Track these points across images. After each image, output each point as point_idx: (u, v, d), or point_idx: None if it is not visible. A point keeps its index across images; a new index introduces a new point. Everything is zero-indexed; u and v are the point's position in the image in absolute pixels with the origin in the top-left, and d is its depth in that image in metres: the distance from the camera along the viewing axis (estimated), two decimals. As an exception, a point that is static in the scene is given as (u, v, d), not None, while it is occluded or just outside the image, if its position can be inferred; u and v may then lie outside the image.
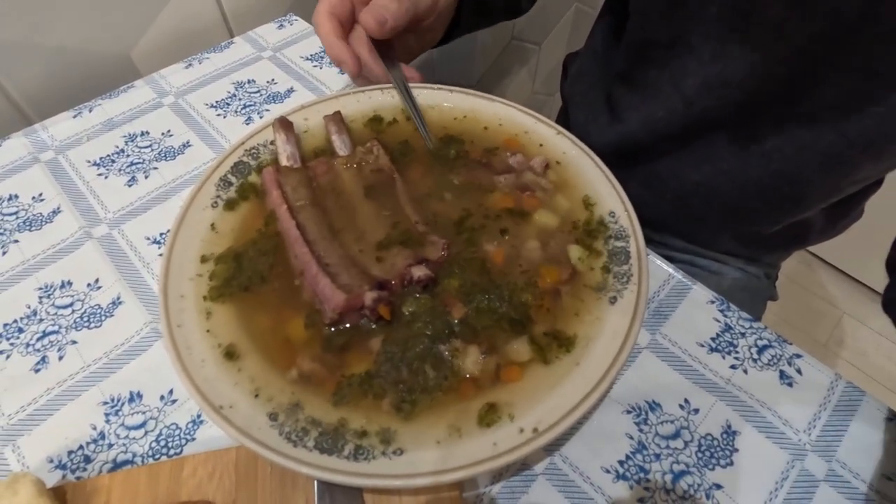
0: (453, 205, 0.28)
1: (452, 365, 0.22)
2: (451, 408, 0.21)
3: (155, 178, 0.35)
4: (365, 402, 0.22)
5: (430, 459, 0.19)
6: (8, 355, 0.27)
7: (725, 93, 0.34)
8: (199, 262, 0.26)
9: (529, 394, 0.22)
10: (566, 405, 0.20)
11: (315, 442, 0.20)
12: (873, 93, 0.29)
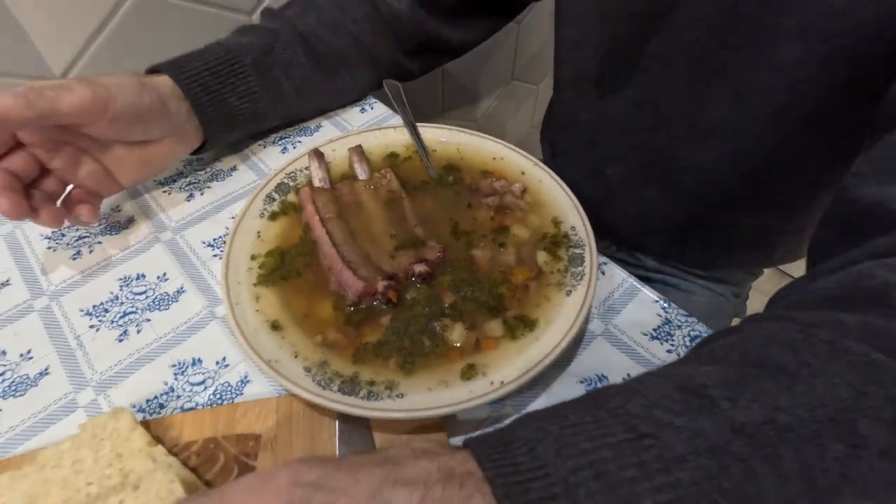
0: (448, 219, 0.36)
1: (443, 337, 0.30)
2: (440, 367, 0.28)
3: (207, 195, 0.43)
4: (376, 361, 0.29)
5: (423, 400, 0.26)
6: (97, 329, 0.34)
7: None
8: (249, 258, 0.33)
9: (500, 359, 0.29)
10: (525, 367, 0.27)
11: (338, 387, 0.27)
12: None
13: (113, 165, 0.37)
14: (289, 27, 0.44)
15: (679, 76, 0.39)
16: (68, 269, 0.38)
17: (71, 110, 0.31)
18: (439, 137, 0.42)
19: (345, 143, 0.41)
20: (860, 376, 0.19)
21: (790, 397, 0.18)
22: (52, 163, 0.34)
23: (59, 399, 0.31)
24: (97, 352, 0.33)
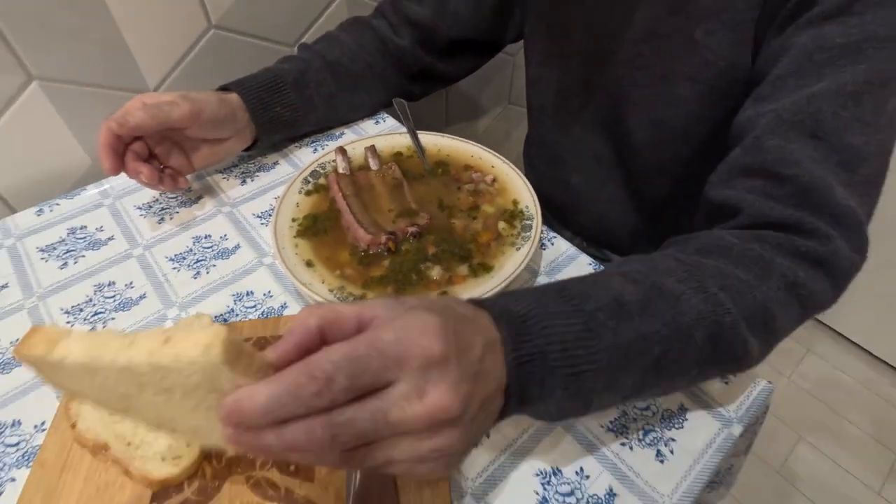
0: (437, 198, 0.49)
1: (426, 274, 0.42)
2: (423, 293, 0.41)
3: (256, 181, 0.56)
4: (378, 288, 0.41)
5: (408, 310, 0.39)
6: (178, 270, 0.47)
7: None
8: (290, 220, 0.46)
9: (464, 290, 0.41)
10: (481, 294, 0.40)
11: (354, 301, 0.39)
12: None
13: (192, 154, 0.51)
14: (319, 57, 0.58)
15: (612, 108, 0.52)
16: (155, 230, 0.51)
17: (178, 120, 0.46)
18: (434, 141, 0.55)
19: (362, 143, 0.54)
20: (706, 304, 0.31)
21: (672, 315, 0.30)
22: (155, 150, 0.48)
23: (154, 314, 0.44)
24: (178, 284, 0.46)
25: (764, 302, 0.32)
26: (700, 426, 0.37)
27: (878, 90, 0.35)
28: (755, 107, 0.38)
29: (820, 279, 0.34)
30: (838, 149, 0.35)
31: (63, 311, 0.44)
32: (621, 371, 0.28)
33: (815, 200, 0.34)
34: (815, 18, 0.36)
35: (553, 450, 0.36)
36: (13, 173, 0.54)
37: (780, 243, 0.34)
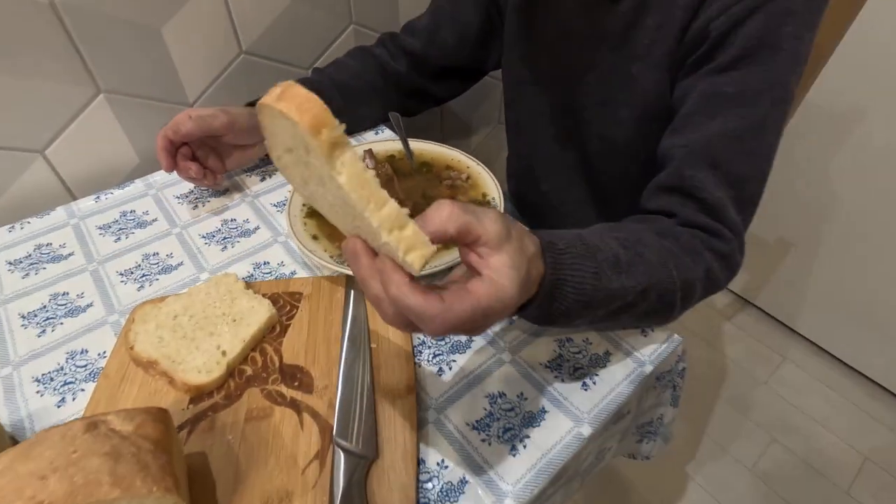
0: (421, 191, 0.60)
1: (407, 247, 0.53)
2: (403, 260, 0.51)
3: (273, 179, 0.68)
4: (368, 256, 0.52)
5: (391, 270, 0.49)
6: (209, 244, 0.58)
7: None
8: (301, 205, 0.58)
9: (439, 258, 0.51)
10: (450, 262, 0.50)
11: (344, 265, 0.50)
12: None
13: (226, 157, 0.63)
14: (329, 78, 0.70)
15: (571, 126, 0.63)
16: (191, 214, 0.62)
17: (217, 129, 0.58)
18: (422, 147, 0.66)
19: (362, 147, 0.65)
20: (663, 275, 0.41)
21: (644, 278, 0.39)
22: (197, 153, 0.60)
23: (189, 276, 0.55)
24: (209, 255, 0.57)
25: (693, 280, 0.43)
26: (620, 366, 0.47)
27: (757, 130, 0.46)
28: (671, 138, 0.49)
29: (723, 271, 0.46)
30: (729, 177, 0.46)
31: (118, 273, 0.55)
32: (602, 307, 0.38)
33: (718, 215, 0.46)
34: (711, 70, 0.47)
35: (500, 379, 0.46)
36: (77, 167, 0.66)
37: (703, 241, 0.45)
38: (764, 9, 0.44)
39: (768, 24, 0.44)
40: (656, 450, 0.60)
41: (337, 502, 0.36)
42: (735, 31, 0.45)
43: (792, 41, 0.45)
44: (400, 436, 0.40)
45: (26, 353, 0.47)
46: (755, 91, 0.45)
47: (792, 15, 0.44)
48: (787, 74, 0.45)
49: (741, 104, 0.45)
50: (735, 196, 0.46)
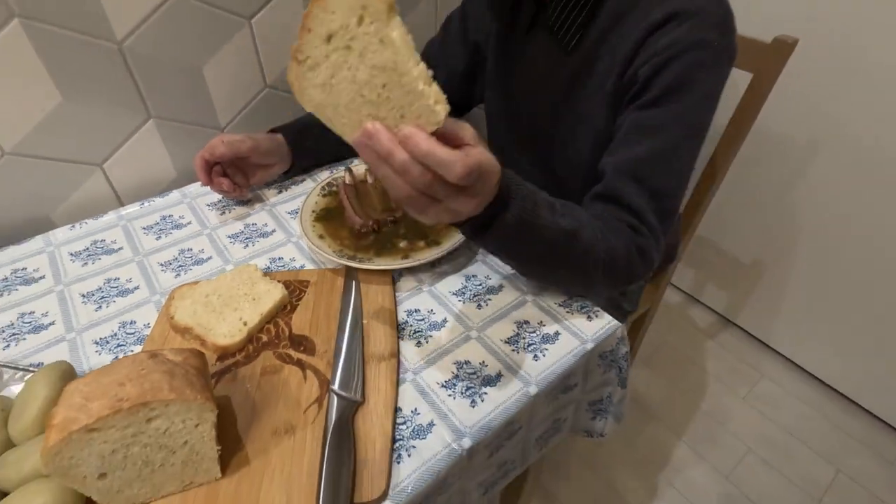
0: (410, 202, 0.72)
1: (396, 244, 0.64)
2: (394, 255, 0.63)
3: (290, 192, 0.80)
4: (367, 252, 0.63)
5: (384, 263, 0.61)
6: (234, 242, 0.70)
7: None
8: (311, 211, 0.70)
9: (420, 253, 0.62)
10: (431, 257, 0.61)
11: (348, 258, 0.62)
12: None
13: (250, 174, 0.75)
14: None
15: (543, 149, 0.75)
16: (219, 219, 0.75)
17: (245, 152, 0.70)
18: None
19: (363, 166, 0.78)
20: (592, 232, 0.53)
21: (575, 224, 0.51)
22: (227, 171, 0.73)
23: (217, 267, 0.66)
24: (233, 251, 0.69)
25: (615, 249, 0.54)
26: (566, 343, 0.57)
27: (671, 154, 0.58)
28: (607, 158, 0.61)
29: (641, 260, 0.57)
30: (650, 190, 0.57)
31: (159, 264, 0.67)
32: (538, 235, 0.49)
33: (640, 217, 0.57)
34: (638, 106, 0.59)
35: (467, 351, 0.56)
36: (126, 179, 0.79)
37: (627, 230, 0.57)
38: (678, 60, 0.56)
39: (682, 72, 0.56)
40: (609, 427, 0.69)
41: (329, 432, 0.46)
42: (656, 76, 0.57)
43: (701, 86, 0.57)
44: (382, 388, 0.51)
45: (87, 323, 0.59)
46: (670, 123, 0.57)
47: (702, 66, 0.56)
48: (696, 111, 0.57)
49: (659, 133, 0.57)
50: (654, 206, 0.57)
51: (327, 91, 0.39)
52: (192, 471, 0.42)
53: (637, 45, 0.58)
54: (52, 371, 0.47)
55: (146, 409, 0.37)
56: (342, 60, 0.37)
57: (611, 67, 0.62)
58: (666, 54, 0.56)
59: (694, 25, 0.56)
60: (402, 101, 0.36)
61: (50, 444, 0.35)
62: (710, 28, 0.56)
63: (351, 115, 0.39)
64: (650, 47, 0.57)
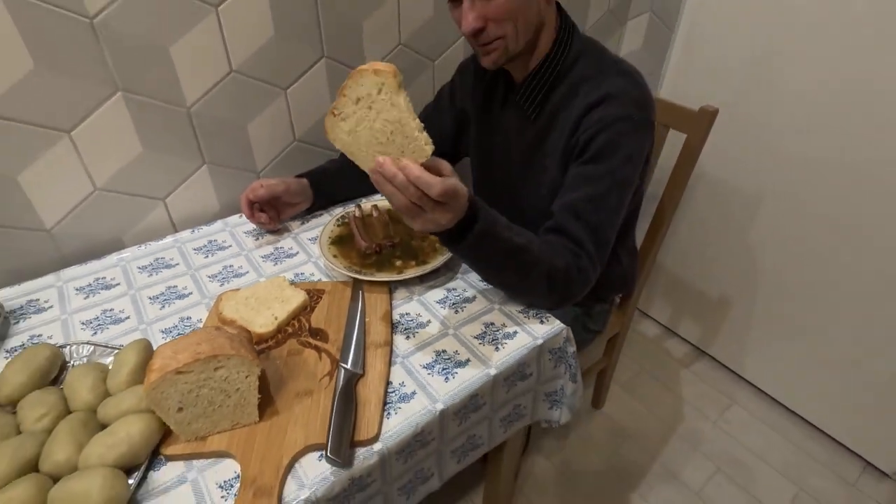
0: (406, 231, 0.90)
1: (393, 263, 0.82)
2: (392, 270, 0.81)
3: (310, 223, 0.99)
4: (369, 268, 0.81)
5: (381, 276, 0.78)
6: (268, 260, 0.89)
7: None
8: (328, 237, 0.88)
9: (414, 271, 0.80)
10: (420, 272, 0.79)
11: (354, 272, 0.80)
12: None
13: (281, 211, 0.95)
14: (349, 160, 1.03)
15: (514, 193, 0.94)
16: (254, 244, 0.94)
17: (279, 193, 0.90)
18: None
19: (370, 202, 0.97)
20: (540, 248, 0.71)
21: (527, 242, 0.70)
22: (263, 207, 0.92)
23: (253, 280, 0.84)
24: (265, 267, 0.87)
25: (557, 267, 0.72)
26: (521, 339, 0.74)
27: (604, 197, 0.76)
28: (556, 201, 0.79)
29: (579, 278, 0.74)
30: (587, 224, 0.75)
31: (207, 277, 0.85)
32: (498, 245, 0.67)
33: (580, 245, 0.75)
34: (580, 163, 0.78)
35: (444, 343, 0.73)
36: (181, 210, 0.98)
37: (568, 253, 0.74)
38: (607, 129, 0.75)
39: (609, 139, 0.75)
40: (564, 417, 0.84)
41: (337, 394, 0.62)
42: (592, 141, 0.76)
43: (625, 149, 0.76)
44: (378, 367, 0.67)
45: (154, 317, 0.77)
46: (602, 175, 0.76)
47: (624, 134, 0.76)
48: (621, 167, 0.76)
49: (594, 182, 0.76)
50: (591, 237, 0.75)
51: (352, 136, 0.60)
52: (239, 413, 0.58)
53: (580, 118, 0.78)
54: (137, 345, 0.64)
55: (215, 361, 0.54)
56: (364, 115, 0.58)
57: (562, 133, 0.81)
58: (599, 125, 0.76)
59: (619, 104, 0.76)
60: (402, 143, 0.58)
61: (151, 380, 0.52)
62: (631, 105, 0.76)
63: (368, 151, 0.60)
64: (589, 119, 0.77)
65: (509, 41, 0.75)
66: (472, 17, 0.72)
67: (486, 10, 0.72)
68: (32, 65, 0.72)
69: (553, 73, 0.81)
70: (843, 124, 1.14)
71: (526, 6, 0.73)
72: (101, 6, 0.74)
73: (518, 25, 0.74)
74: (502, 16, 0.72)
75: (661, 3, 1.40)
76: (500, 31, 0.74)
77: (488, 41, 0.75)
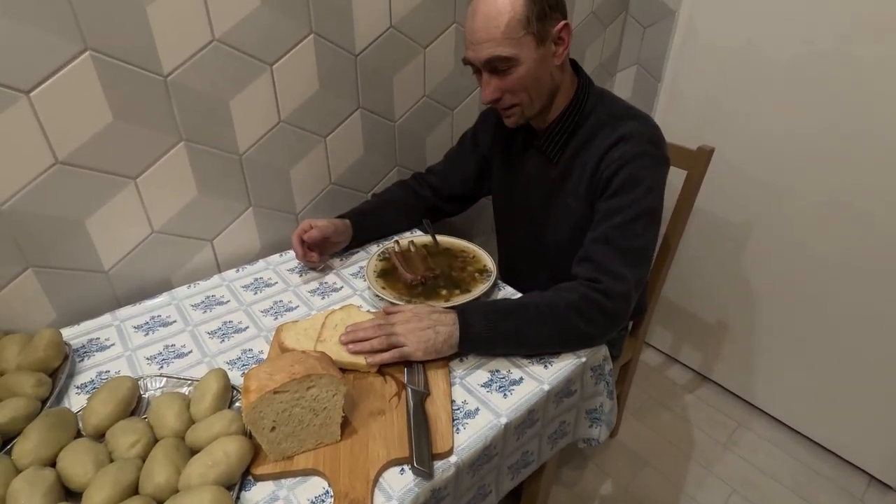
0: (446, 264, 0.97)
1: (439, 293, 0.88)
2: (438, 298, 0.87)
3: (352, 259, 1.05)
4: (417, 298, 0.87)
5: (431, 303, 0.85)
6: (315, 294, 0.94)
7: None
8: (373, 270, 0.94)
9: (459, 299, 0.86)
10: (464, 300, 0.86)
11: (406, 301, 0.85)
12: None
13: (324, 249, 1.00)
14: (383, 200, 1.11)
15: (538, 234, 1.02)
16: (299, 280, 0.99)
17: (330, 234, 0.97)
18: (443, 238, 1.05)
19: (409, 238, 1.04)
20: (531, 297, 0.79)
21: (523, 299, 0.79)
22: (311, 246, 0.98)
23: (303, 314, 0.89)
24: (313, 301, 0.92)
25: (574, 303, 0.78)
26: (567, 359, 0.80)
27: (630, 224, 0.83)
28: (588, 235, 0.87)
29: (610, 301, 0.79)
30: (616, 248, 0.83)
31: (260, 311, 0.89)
32: (503, 318, 0.75)
33: (603, 269, 0.81)
34: (605, 198, 0.86)
35: (497, 364, 0.78)
36: (226, 250, 1.03)
37: (584, 285, 0.81)
38: (627, 165, 0.85)
39: (630, 173, 0.84)
40: (603, 434, 0.89)
41: (412, 411, 0.67)
42: (615, 176, 0.85)
43: (645, 181, 0.85)
44: (441, 385, 0.72)
45: (216, 351, 0.80)
46: (627, 205, 0.84)
47: (644, 167, 0.85)
48: (644, 199, 0.85)
49: (620, 213, 0.84)
50: (621, 260, 0.82)
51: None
52: (324, 432, 0.62)
53: (600, 160, 0.88)
54: (216, 373, 0.68)
55: (308, 380, 0.59)
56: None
57: (583, 174, 0.91)
58: (619, 162, 0.85)
59: (635, 142, 0.86)
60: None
61: (251, 401, 0.57)
62: (646, 143, 0.86)
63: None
64: (609, 158, 0.86)
65: (525, 107, 0.87)
66: (490, 90, 0.84)
67: (502, 83, 0.83)
68: (111, 117, 0.79)
69: (573, 122, 0.91)
70: (818, 161, 1.28)
71: (537, 78, 0.84)
72: (176, 64, 0.82)
73: (532, 94, 0.85)
74: (517, 88, 0.83)
75: (647, 56, 1.56)
76: (516, 99, 0.85)
77: (506, 107, 0.86)
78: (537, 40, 0.80)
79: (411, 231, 1.15)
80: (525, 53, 0.80)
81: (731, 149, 1.42)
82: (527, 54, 0.80)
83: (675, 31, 1.47)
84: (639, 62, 1.59)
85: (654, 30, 1.52)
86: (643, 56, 1.57)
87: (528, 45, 0.80)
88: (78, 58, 0.73)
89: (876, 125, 1.17)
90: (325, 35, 0.97)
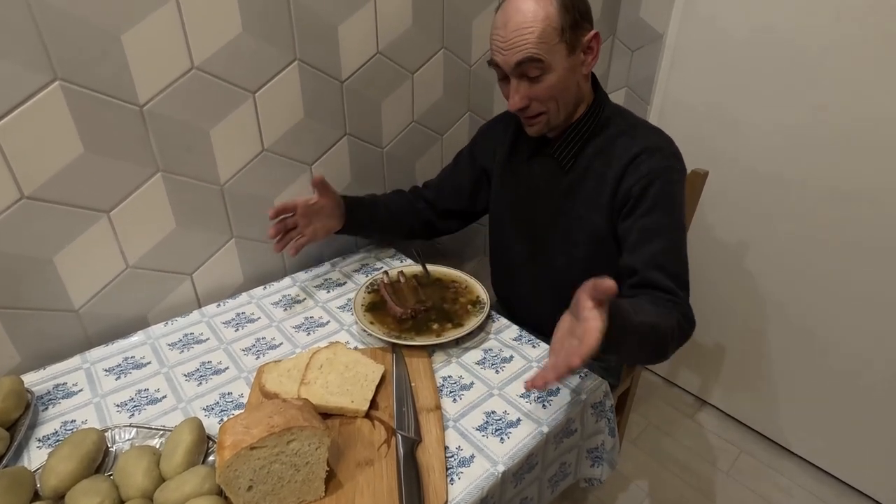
0: (438, 296, 0.93)
1: (430, 326, 0.84)
2: (429, 334, 0.82)
3: (346, 286, 1.01)
4: (407, 333, 0.83)
5: (422, 340, 0.80)
6: (307, 333, 0.89)
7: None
8: (361, 304, 0.90)
9: (448, 333, 0.82)
10: (457, 335, 0.81)
11: (393, 338, 0.81)
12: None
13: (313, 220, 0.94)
14: (381, 202, 1.06)
15: (541, 250, 0.99)
16: (283, 315, 0.94)
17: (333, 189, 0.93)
18: (434, 268, 1.01)
19: (398, 269, 1.00)
20: (663, 321, 0.73)
21: (650, 314, 0.71)
22: (299, 221, 0.92)
23: (287, 352, 0.84)
24: (298, 338, 0.87)
25: (673, 324, 0.73)
26: (567, 396, 0.76)
27: (674, 244, 0.80)
28: (630, 258, 0.82)
29: (686, 321, 0.76)
30: (670, 274, 0.79)
31: (241, 350, 0.84)
32: (633, 333, 0.66)
33: (674, 294, 0.77)
34: (639, 216, 0.82)
35: (492, 404, 0.74)
36: (206, 285, 0.98)
37: (671, 304, 0.76)
38: (659, 179, 0.81)
39: (663, 189, 0.81)
40: (605, 473, 0.84)
41: (401, 462, 0.62)
42: (646, 192, 0.81)
43: (677, 196, 0.82)
44: (433, 431, 0.68)
45: (192, 395, 0.75)
46: (667, 224, 0.81)
47: (674, 182, 0.82)
48: (679, 215, 0.82)
49: (663, 233, 0.80)
50: (677, 284, 0.78)
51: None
52: (306, 488, 0.57)
53: (623, 171, 0.84)
54: (190, 423, 0.63)
55: (289, 433, 0.54)
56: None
57: (602, 183, 0.86)
58: (650, 176, 0.81)
59: (662, 156, 0.83)
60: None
61: (225, 458, 0.52)
62: (671, 158, 0.84)
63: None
64: (634, 172, 0.83)
65: (551, 116, 0.85)
66: (518, 97, 0.81)
67: (532, 91, 0.81)
68: (82, 149, 0.75)
69: (589, 130, 0.88)
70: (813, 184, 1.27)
71: (566, 87, 0.82)
72: (153, 94, 0.78)
73: (560, 103, 0.83)
74: (545, 96, 0.81)
75: (636, 79, 1.56)
76: (543, 108, 0.83)
77: (532, 115, 0.84)
78: (569, 49, 0.79)
79: (401, 260, 1.11)
80: (557, 61, 0.79)
81: (722, 170, 1.41)
82: (558, 62, 0.79)
83: (662, 54, 1.47)
84: (628, 85, 1.59)
85: (641, 53, 1.52)
86: (632, 79, 1.57)
87: (561, 54, 0.78)
88: (46, 88, 0.69)
89: (869, 168, 1.16)
90: (309, 62, 0.94)
